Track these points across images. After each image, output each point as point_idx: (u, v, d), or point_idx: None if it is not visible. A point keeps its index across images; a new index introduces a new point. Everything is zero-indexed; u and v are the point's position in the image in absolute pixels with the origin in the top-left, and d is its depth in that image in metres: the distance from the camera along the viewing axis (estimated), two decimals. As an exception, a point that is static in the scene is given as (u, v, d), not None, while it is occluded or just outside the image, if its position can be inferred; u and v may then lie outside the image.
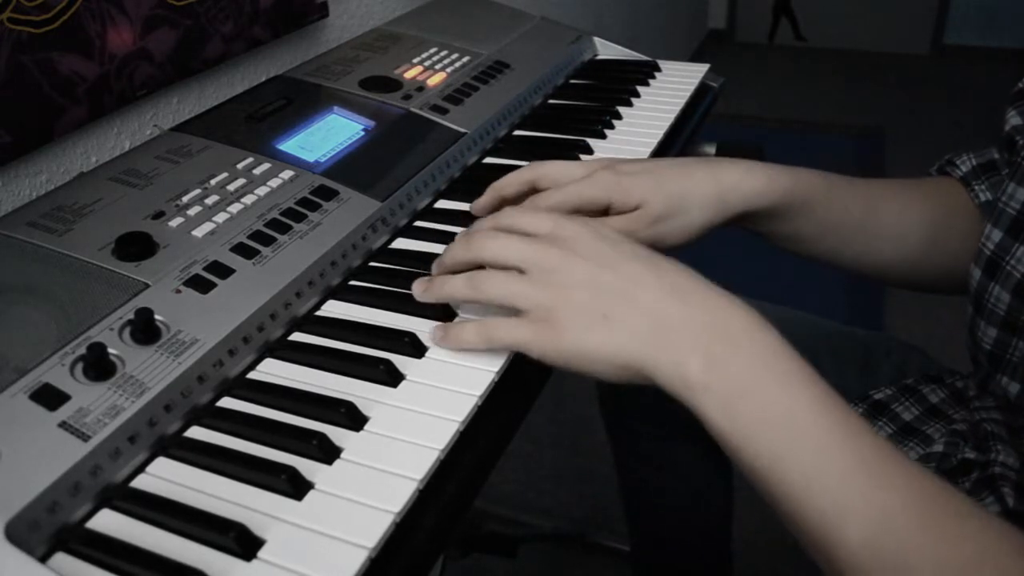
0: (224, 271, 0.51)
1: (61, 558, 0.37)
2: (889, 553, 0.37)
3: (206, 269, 0.50)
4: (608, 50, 0.98)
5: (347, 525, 0.38)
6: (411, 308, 0.53)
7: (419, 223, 0.64)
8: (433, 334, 0.50)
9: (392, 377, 0.47)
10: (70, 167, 0.68)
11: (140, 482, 0.41)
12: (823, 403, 0.41)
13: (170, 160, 0.60)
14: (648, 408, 0.87)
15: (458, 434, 0.44)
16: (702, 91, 0.89)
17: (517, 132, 0.79)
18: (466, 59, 0.84)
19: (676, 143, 0.80)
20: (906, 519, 0.37)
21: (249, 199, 0.57)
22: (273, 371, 0.49)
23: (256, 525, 0.38)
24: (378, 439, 0.43)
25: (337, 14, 0.97)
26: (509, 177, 0.60)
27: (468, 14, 0.96)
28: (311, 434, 0.43)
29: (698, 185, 0.57)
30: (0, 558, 0.34)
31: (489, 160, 0.74)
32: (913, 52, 3.58)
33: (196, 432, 0.44)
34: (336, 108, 0.71)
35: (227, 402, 0.46)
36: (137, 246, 0.51)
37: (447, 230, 0.62)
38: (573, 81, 0.90)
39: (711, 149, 0.88)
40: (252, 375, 0.48)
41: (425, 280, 0.52)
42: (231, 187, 0.58)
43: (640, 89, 0.86)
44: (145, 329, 0.45)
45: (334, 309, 0.54)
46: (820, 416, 0.40)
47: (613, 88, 0.87)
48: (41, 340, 0.44)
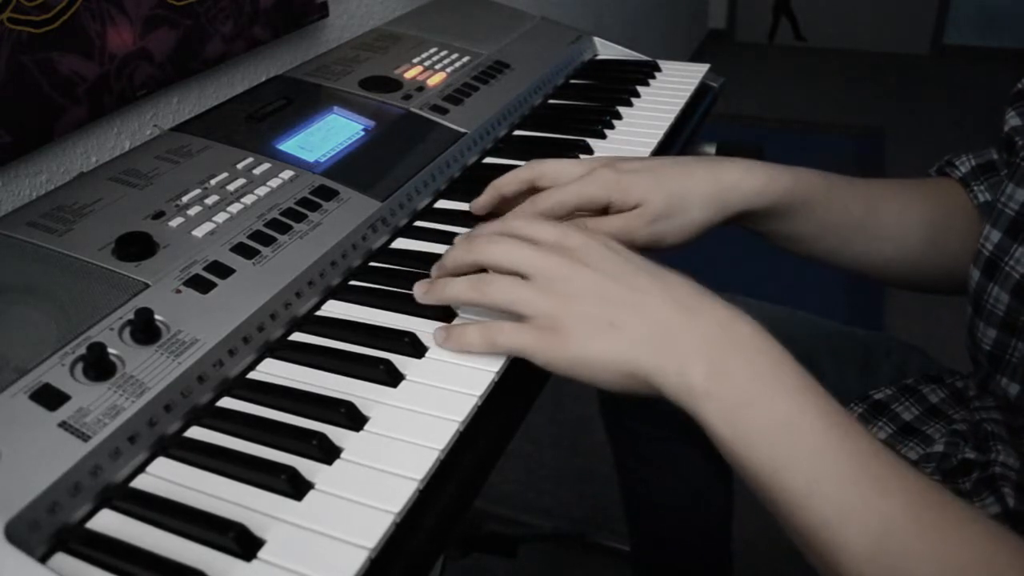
0: (224, 271, 0.51)
1: (61, 558, 0.37)
2: (890, 559, 0.37)
3: (206, 269, 0.50)
4: (608, 50, 0.98)
5: (347, 525, 0.38)
6: (411, 308, 0.53)
7: (419, 223, 0.64)
8: (436, 335, 0.50)
9: (392, 377, 0.47)
10: (70, 167, 0.68)
11: (140, 482, 0.41)
12: (824, 412, 0.41)
13: (170, 160, 0.60)
14: (648, 409, 0.87)
15: (458, 434, 0.44)
16: (702, 91, 0.89)
17: (517, 132, 0.79)
18: (466, 59, 0.84)
19: (676, 143, 0.80)
20: (906, 525, 0.38)
21: (249, 199, 0.57)
22: (273, 371, 0.49)
23: (256, 525, 0.38)
24: (378, 439, 0.43)
25: (337, 14, 0.97)
26: (508, 176, 0.60)
27: (468, 14, 0.96)
28: (311, 434, 0.43)
29: (698, 184, 0.57)
30: (0, 558, 0.34)
31: (489, 160, 0.74)
32: (913, 52, 3.58)
33: (196, 432, 0.44)
34: (336, 108, 0.71)
35: (227, 402, 0.46)
36: (137, 246, 0.51)
37: (447, 230, 0.62)
38: (573, 81, 0.90)
39: (711, 149, 0.89)
40: (252, 375, 0.48)
41: (426, 282, 0.52)
42: (231, 187, 0.58)
43: (640, 89, 0.86)
44: (145, 329, 0.45)
45: (334, 309, 0.54)
46: (821, 425, 0.40)
47: (613, 88, 0.87)
48: (41, 340, 0.44)
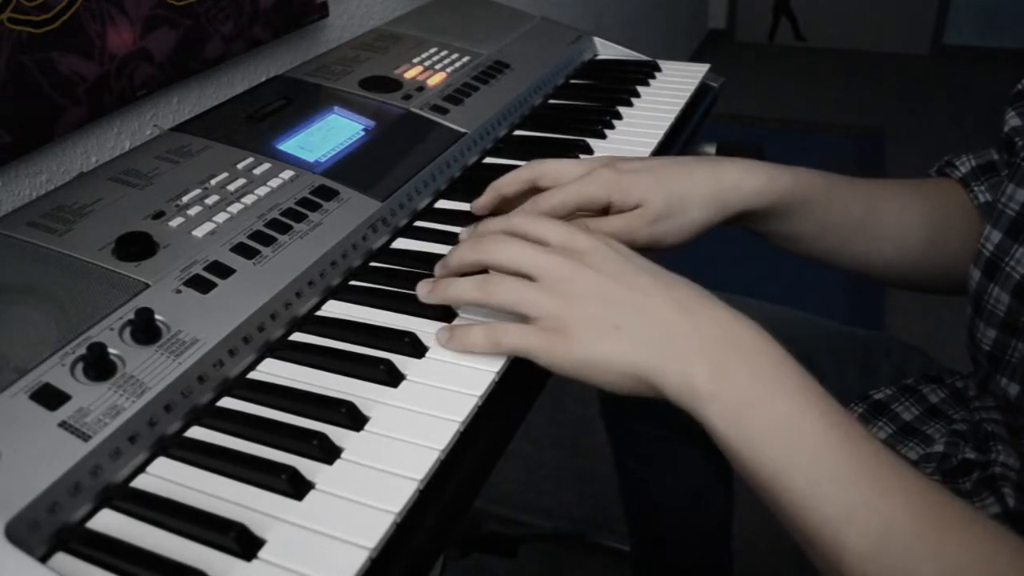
0: (224, 271, 0.51)
1: (61, 558, 0.37)
2: (891, 559, 0.37)
3: (206, 269, 0.50)
4: (608, 50, 0.98)
5: (347, 525, 0.38)
6: (411, 308, 0.53)
7: (419, 223, 0.64)
8: (439, 336, 0.50)
9: (392, 377, 0.47)
10: (70, 167, 0.67)
11: (140, 482, 0.41)
12: (825, 413, 0.41)
13: (170, 160, 0.60)
14: (648, 408, 0.87)
15: (458, 434, 0.44)
16: (702, 91, 0.89)
17: (517, 132, 0.79)
18: (466, 59, 0.84)
19: (676, 143, 0.80)
20: (907, 525, 0.38)
21: (249, 199, 0.57)
22: (273, 371, 0.49)
23: (256, 525, 0.38)
24: (378, 439, 0.43)
25: (337, 14, 0.97)
26: (509, 176, 0.60)
27: (468, 14, 0.96)
28: (311, 434, 0.43)
29: (698, 184, 0.57)
30: (0, 558, 0.34)
31: (489, 160, 0.74)
32: (913, 52, 3.58)
33: (196, 432, 0.44)
34: (336, 108, 0.71)
35: (227, 402, 0.46)
36: (137, 246, 0.51)
37: (447, 230, 0.62)
38: (573, 81, 0.90)
39: (711, 149, 0.89)
40: (252, 375, 0.48)
41: (430, 281, 0.52)
42: (231, 187, 0.58)
43: (640, 89, 0.86)
44: (145, 329, 0.45)
45: (334, 309, 0.54)
46: (822, 425, 0.41)
47: (613, 88, 0.87)
48: (41, 340, 0.44)
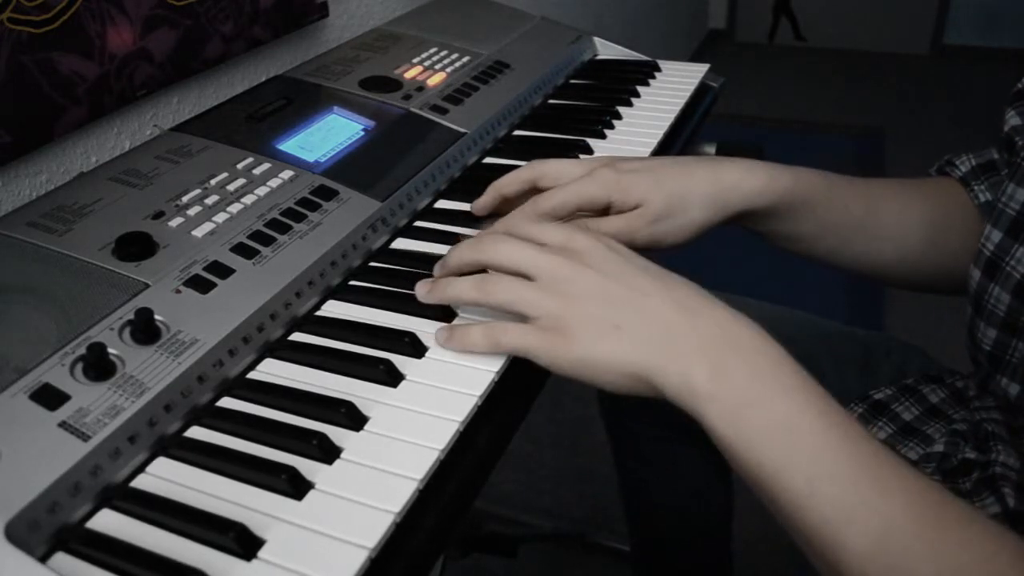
0: (224, 271, 0.51)
1: (61, 558, 0.37)
2: (890, 559, 0.37)
3: (206, 269, 0.50)
4: (608, 50, 0.98)
5: (347, 525, 0.38)
6: (411, 308, 0.53)
7: (419, 223, 0.64)
8: (438, 335, 0.50)
9: (392, 377, 0.47)
10: (70, 167, 0.67)
11: (140, 482, 0.41)
12: (824, 412, 0.41)
13: (170, 160, 0.60)
14: (648, 409, 0.87)
15: (458, 434, 0.44)
16: (702, 91, 0.89)
17: (517, 132, 0.79)
18: (466, 59, 0.84)
19: (676, 143, 0.80)
20: (907, 526, 0.38)
21: (249, 199, 0.57)
22: (273, 371, 0.49)
23: (256, 525, 0.38)
24: (378, 439, 0.43)
25: (337, 14, 0.97)
26: (509, 176, 0.60)
27: (468, 14, 0.96)
28: (311, 434, 0.43)
29: (698, 184, 0.57)
30: (0, 558, 0.34)
31: (489, 160, 0.74)
32: (913, 52, 3.58)
33: (196, 432, 0.44)
34: (336, 108, 0.71)
35: (227, 402, 0.46)
36: (137, 246, 0.51)
37: (447, 230, 0.62)
38: (573, 81, 0.90)
39: (711, 149, 0.89)
40: (252, 375, 0.48)
41: (429, 281, 0.52)
42: (231, 187, 0.58)
43: (640, 89, 0.86)
44: (145, 329, 0.45)
45: (334, 309, 0.54)
46: (821, 425, 0.41)
47: (613, 88, 0.87)
48: (41, 340, 0.44)
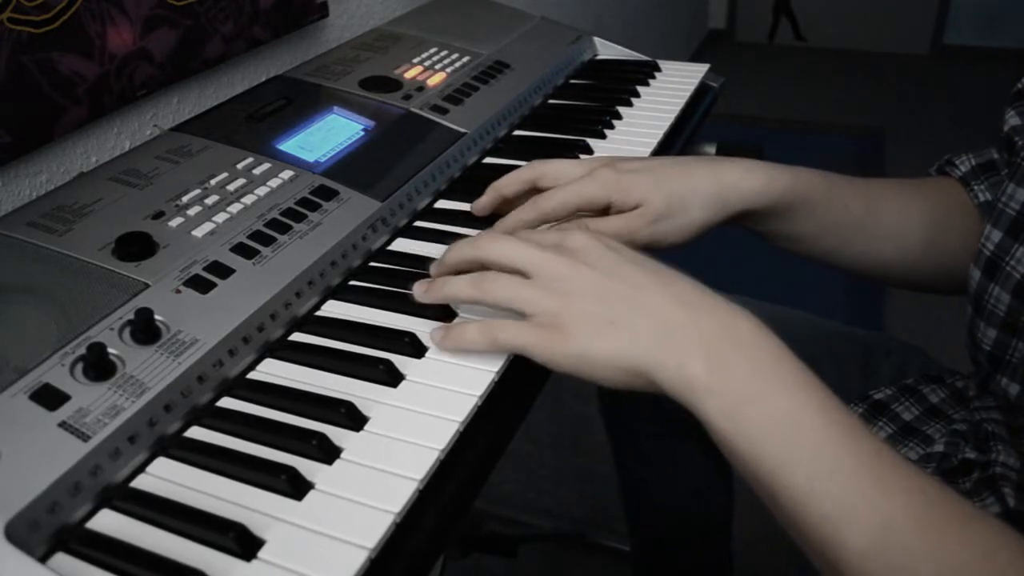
0: (224, 271, 0.51)
1: (61, 558, 0.37)
2: (892, 557, 0.37)
3: (206, 269, 0.50)
4: (608, 50, 0.98)
5: (347, 525, 0.38)
6: (411, 308, 0.52)
7: (419, 223, 0.64)
8: (433, 335, 0.49)
9: (392, 377, 0.47)
10: (70, 167, 0.67)
11: (140, 482, 0.41)
12: (825, 409, 0.41)
13: (170, 160, 0.60)
14: (648, 408, 0.87)
15: (458, 434, 0.44)
16: (702, 91, 0.89)
17: (517, 132, 0.79)
18: (466, 59, 0.84)
19: (676, 143, 0.80)
20: (908, 523, 0.38)
21: (249, 199, 0.57)
22: (273, 371, 0.49)
23: (256, 525, 0.38)
24: (378, 439, 0.43)
25: (337, 14, 0.97)
26: (509, 177, 0.60)
27: (468, 14, 0.96)
28: (311, 434, 0.43)
29: (698, 184, 0.57)
30: (0, 558, 0.34)
31: (489, 160, 0.74)
32: (913, 52, 3.58)
33: (196, 432, 0.44)
34: (336, 108, 0.71)
35: (227, 402, 0.46)
36: (137, 246, 0.51)
37: (447, 230, 0.62)
38: (573, 81, 0.90)
39: (711, 149, 0.89)
40: (252, 375, 0.48)
41: (426, 281, 0.52)
42: (231, 187, 0.58)
43: (640, 89, 0.86)
44: (145, 329, 0.45)
45: (334, 309, 0.54)
46: (823, 421, 0.40)
47: (613, 88, 0.87)
48: (41, 340, 0.44)
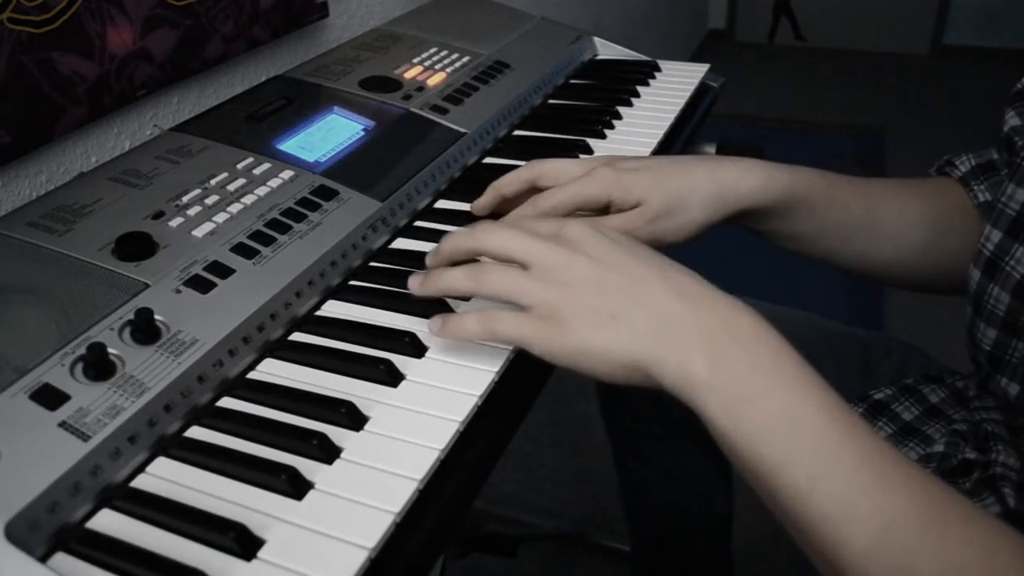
0: (224, 271, 0.51)
1: (61, 558, 0.37)
2: (892, 556, 0.37)
3: (206, 269, 0.50)
4: (608, 50, 0.98)
5: (347, 525, 0.38)
6: (411, 308, 0.52)
7: (419, 223, 0.64)
8: (431, 324, 0.49)
9: (392, 377, 0.47)
10: (70, 167, 0.67)
11: (140, 482, 0.41)
12: (826, 406, 0.41)
13: (170, 160, 0.60)
14: (648, 408, 0.87)
15: (458, 434, 0.44)
16: (702, 91, 0.89)
17: (517, 132, 0.79)
18: (466, 59, 0.84)
19: (676, 143, 0.80)
20: (910, 522, 0.37)
21: (249, 199, 0.57)
22: (273, 371, 0.49)
23: (256, 525, 0.38)
24: (378, 439, 0.43)
25: (337, 14, 0.97)
26: (509, 176, 0.60)
27: (468, 14, 0.96)
28: (311, 434, 0.43)
29: (698, 183, 0.57)
30: (0, 558, 0.34)
31: (489, 160, 0.74)
32: (913, 52, 3.58)
33: (196, 432, 0.44)
34: (336, 108, 0.71)
35: (227, 402, 0.46)
36: (137, 246, 0.51)
37: (447, 230, 0.62)
38: (573, 81, 0.90)
39: (711, 149, 0.88)
40: (252, 375, 0.48)
41: (421, 273, 0.51)
42: (231, 187, 0.58)
43: (640, 89, 0.86)
44: (145, 329, 0.45)
45: (334, 309, 0.54)
46: (824, 419, 0.40)
47: (613, 88, 0.87)
48: (41, 340, 0.44)
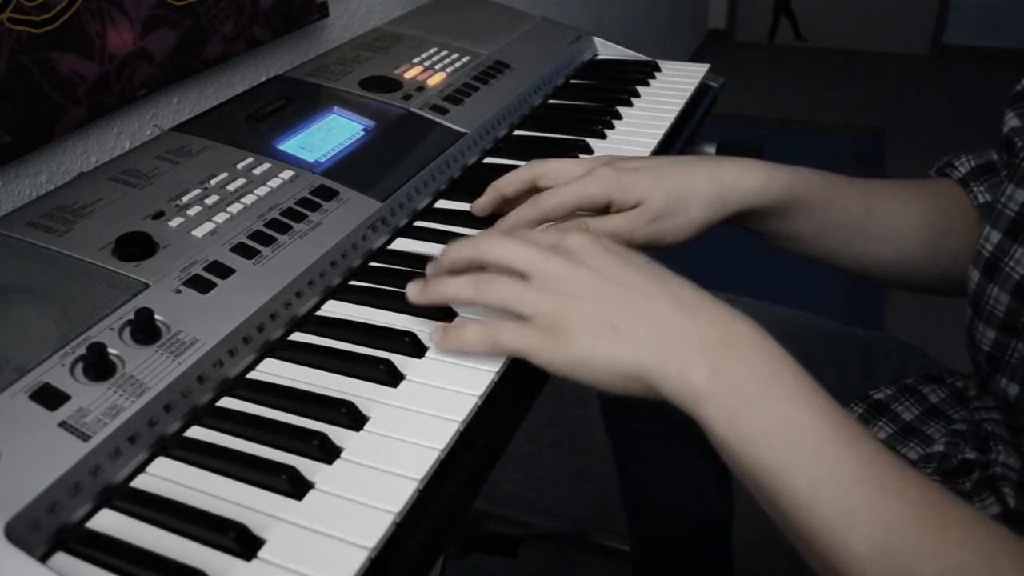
0: (224, 271, 0.51)
1: (61, 558, 0.37)
2: (892, 561, 0.37)
3: (206, 269, 0.50)
4: (608, 50, 0.98)
5: (347, 525, 0.38)
6: (411, 308, 0.52)
7: (419, 223, 0.64)
8: (432, 335, 0.49)
9: (392, 377, 0.47)
10: (70, 167, 0.67)
11: (140, 482, 0.41)
12: (825, 413, 0.41)
13: (170, 160, 0.60)
14: (648, 409, 0.87)
15: (458, 434, 0.44)
16: (702, 91, 0.89)
17: (517, 132, 0.79)
18: (466, 59, 0.84)
19: (676, 143, 0.80)
20: (910, 527, 0.37)
21: (249, 199, 0.57)
22: (273, 371, 0.49)
23: (256, 525, 0.38)
24: (378, 439, 0.43)
25: (337, 14, 0.97)
26: (509, 176, 0.60)
27: (468, 14, 0.96)
28: (311, 434, 0.43)
29: (698, 183, 0.57)
30: (0, 558, 0.34)
31: (489, 160, 0.74)
32: (913, 52, 3.58)
33: (196, 432, 0.44)
34: (336, 108, 0.71)
35: (227, 402, 0.46)
36: (137, 246, 0.51)
37: (447, 230, 0.62)
38: (573, 81, 0.90)
39: (711, 149, 0.89)
40: (252, 375, 0.48)
41: (420, 281, 0.51)
42: (231, 187, 0.58)
43: (640, 89, 0.86)
44: (145, 329, 0.45)
45: (334, 309, 0.54)
46: (824, 426, 0.40)
47: (613, 88, 0.87)
48: (41, 340, 0.44)
